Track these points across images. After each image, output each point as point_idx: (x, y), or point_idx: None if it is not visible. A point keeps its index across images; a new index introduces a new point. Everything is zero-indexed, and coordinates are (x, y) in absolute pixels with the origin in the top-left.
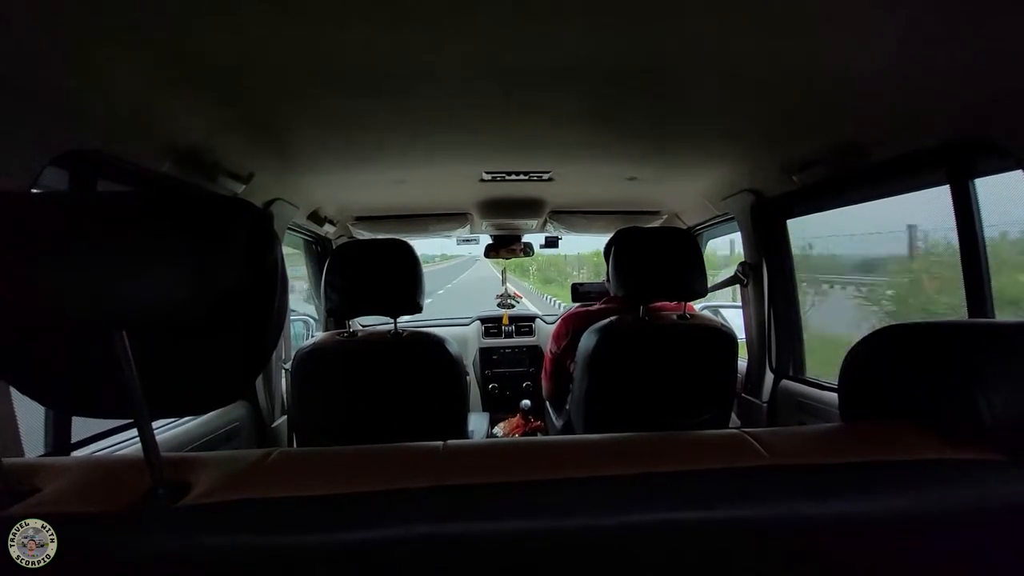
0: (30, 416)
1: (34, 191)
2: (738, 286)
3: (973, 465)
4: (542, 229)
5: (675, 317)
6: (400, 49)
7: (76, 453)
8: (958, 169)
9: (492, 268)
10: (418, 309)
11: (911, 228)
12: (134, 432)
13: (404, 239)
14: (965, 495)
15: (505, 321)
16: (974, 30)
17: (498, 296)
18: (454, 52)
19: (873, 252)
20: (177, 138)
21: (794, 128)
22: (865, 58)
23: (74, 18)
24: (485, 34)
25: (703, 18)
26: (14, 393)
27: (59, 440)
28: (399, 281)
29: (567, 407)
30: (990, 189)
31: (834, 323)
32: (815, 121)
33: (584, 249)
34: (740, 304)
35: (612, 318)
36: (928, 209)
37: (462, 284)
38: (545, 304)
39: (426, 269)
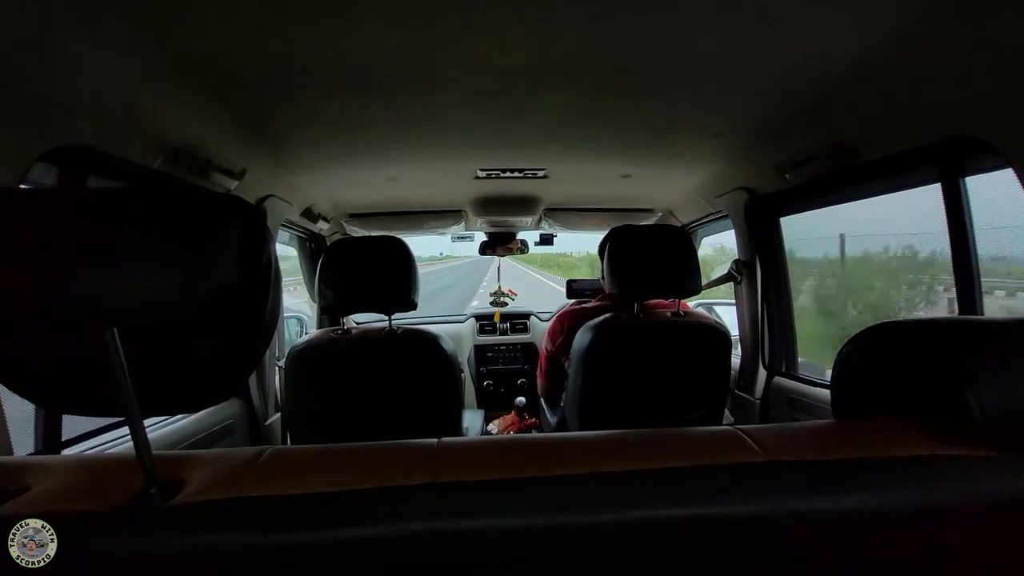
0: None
1: (22, 187)
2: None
3: (963, 461)
4: (537, 226)
5: (669, 314)
6: (394, 47)
7: (67, 451)
8: (949, 167)
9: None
10: (413, 306)
11: None
12: (125, 430)
13: (399, 236)
14: (956, 491)
15: (497, 319)
16: (965, 28)
17: (491, 293)
18: (448, 50)
19: None
20: (169, 134)
21: (787, 126)
22: (857, 57)
23: (64, 12)
24: (479, 32)
25: (697, 17)
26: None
27: (49, 438)
28: (394, 278)
29: (562, 404)
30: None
31: None
32: (808, 119)
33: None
34: (734, 301)
35: (607, 315)
36: None
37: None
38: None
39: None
